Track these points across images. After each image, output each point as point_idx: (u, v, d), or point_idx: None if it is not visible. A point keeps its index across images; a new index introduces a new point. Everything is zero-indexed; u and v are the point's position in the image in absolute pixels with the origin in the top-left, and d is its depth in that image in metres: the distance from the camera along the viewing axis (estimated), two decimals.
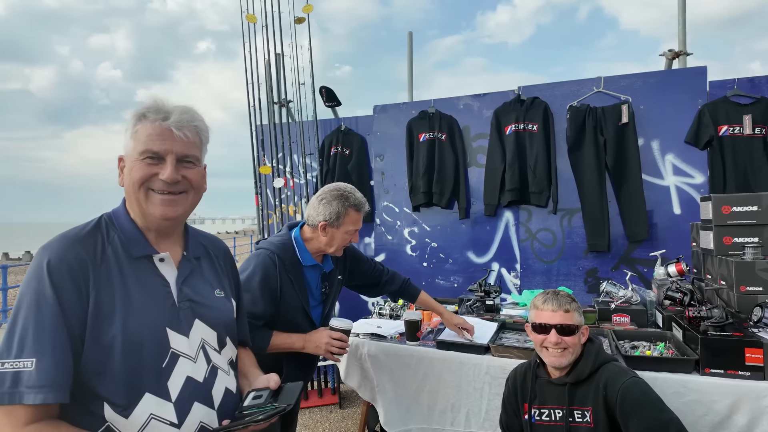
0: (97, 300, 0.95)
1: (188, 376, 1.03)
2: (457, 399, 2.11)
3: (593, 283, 3.27)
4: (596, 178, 3.17)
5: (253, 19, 3.78)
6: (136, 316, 0.98)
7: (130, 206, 1.07)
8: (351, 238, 1.86)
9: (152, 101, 1.05)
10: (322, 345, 1.80)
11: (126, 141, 1.04)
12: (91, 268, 0.96)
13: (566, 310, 1.61)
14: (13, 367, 0.87)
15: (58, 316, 0.90)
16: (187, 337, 1.05)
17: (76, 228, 1.03)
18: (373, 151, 3.99)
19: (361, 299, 4.07)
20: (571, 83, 3.33)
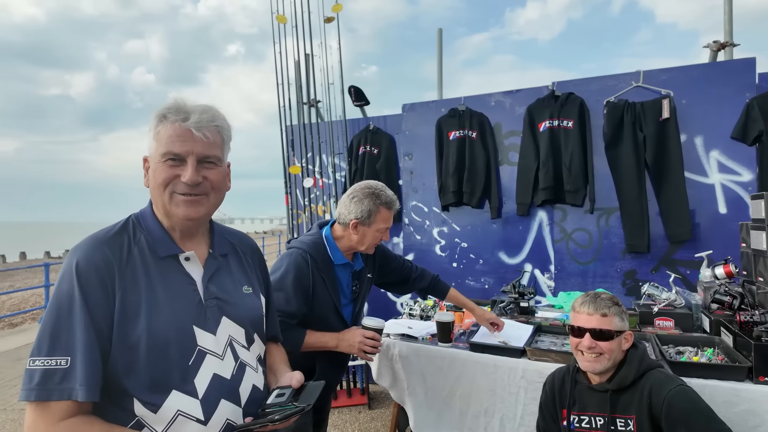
0: (123, 300, 0.96)
1: (215, 373, 1.03)
2: (491, 403, 2.05)
3: (632, 285, 3.14)
4: (635, 176, 3.04)
5: (283, 20, 3.81)
6: (162, 315, 0.99)
7: (156, 206, 1.08)
8: (382, 236, 1.85)
9: (173, 102, 1.05)
10: (355, 344, 1.79)
11: (149, 142, 1.05)
12: (118, 269, 0.98)
13: (603, 314, 1.53)
14: (44, 365, 0.89)
15: (87, 317, 0.92)
16: (215, 335, 1.05)
17: (105, 229, 1.05)
18: (402, 150, 3.96)
19: (390, 299, 4.04)
20: (608, 78, 3.21)
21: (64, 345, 0.91)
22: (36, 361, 0.90)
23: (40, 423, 0.89)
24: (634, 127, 3.07)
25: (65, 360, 0.90)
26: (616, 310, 1.54)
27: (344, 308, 1.89)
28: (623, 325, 1.54)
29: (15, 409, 4.02)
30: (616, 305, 1.56)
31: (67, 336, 0.91)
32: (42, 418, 0.89)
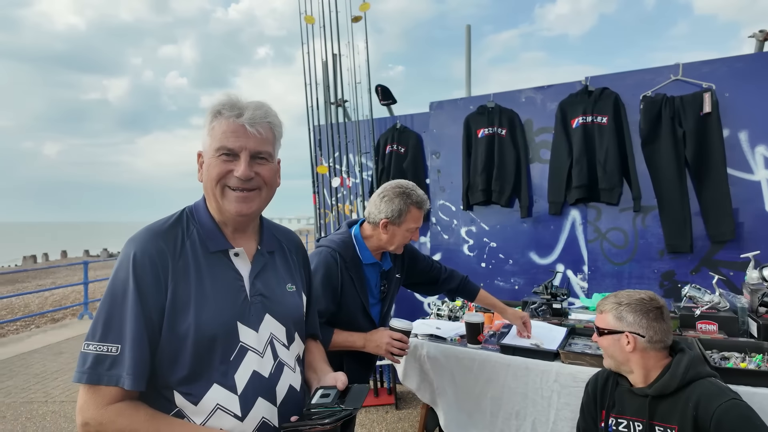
0: (175, 292, 0.99)
1: (254, 370, 1.04)
2: (523, 406, 2.00)
3: (670, 286, 3.01)
4: (675, 173, 2.91)
5: (311, 20, 3.83)
6: (209, 309, 1.01)
7: (209, 201, 1.10)
8: (412, 236, 1.83)
9: (227, 98, 1.06)
10: (382, 345, 1.78)
11: (203, 138, 1.08)
12: (171, 261, 1.00)
13: (600, 310, 1.56)
14: (97, 350, 0.93)
15: (139, 307, 0.95)
16: (257, 332, 1.06)
17: (160, 221, 1.07)
18: (429, 148, 3.91)
19: (417, 299, 4.01)
20: (644, 72, 3.09)
21: (116, 332, 0.94)
22: (90, 345, 0.94)
23: (91, 404, 0.93)
24: (672, 122, 2.94)
25: (116, 347, 0.93)
26: (612, 308, 1.52)
27: (372, 308, 1.88)
28: (618, 325, 1.49)
29: (57, 401, 4.19)
30: (617, 304, 1.51)
31: (119, 324, 0.94)
32: (92, 400, 0.93)
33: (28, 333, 7.07)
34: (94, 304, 9.51)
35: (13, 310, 10.30)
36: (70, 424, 3.69)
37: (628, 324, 1.48)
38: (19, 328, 8.08)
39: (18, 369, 5.15)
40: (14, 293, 9.81)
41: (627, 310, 1.49)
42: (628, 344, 1.47)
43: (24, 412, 3.94)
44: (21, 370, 5.09)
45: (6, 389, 4.50)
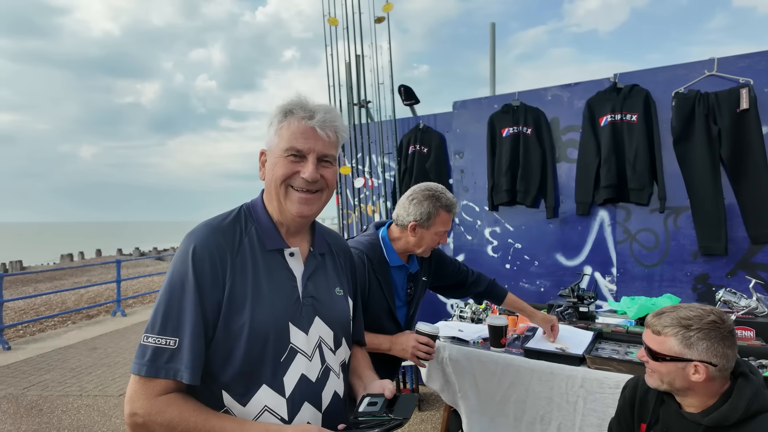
0: (232, 288, 0.99)
1: (303, 373, 1.04)
2: (548, 411, 1.96)
3: (704, 290, 2.90)
4: (709, 172, 2.80)
5: (334, 22, 3.85)
6: (264, 308, 1.01)
7: (269, 200, 1.10)
8: (440, 239, 1.81)
9: (297, 99, 1.07)
10: (409, 348, 1.76)
11: (270, 136, 1.07)
12: (229, 257, 1.00)
13: (656, 331, 1.31)
14: (156, 343, 0.94)
15: (197, 301, 0.95)
16: (306, 334, 1.06)
17: (219, 217, 1.08)
18: (452, 148, 3.88)
19: (440, 301, 3.98)
20: (676, 67, 2.98)
21: (174, 325, 0.94)
22: (149, 338, 0.94)
23: (141, 395, 0.93)
24: (707, 119, 2.83)
25: (174, 340, 0.94)
26: (675, 332, 1.26)
27: (398, 310, 1.87)
28: (686, 353, 1.25)
29: (91, 395, 4.34)
30: (682, 328, 1.26)
31: (178, 317, 0.95)
32: (143, 391, 0.93)
33: (64, 329, 7.35)
34: (126, 301, 9.83)
35: (51, 307, 10.74)
36: (102, 417, 3.82)
37: (699, 352, 1.24)
38: (56, 324, 8.42)
39: (55, 363, 5.36)
40: (52, 290, 10.22)
41: (699, 336, 1.25)
42: (695, 374, 1.25)
43: (60, 405, 4.10)
44: (58, 365, 5.30)
45: (44, 383, 4.69)
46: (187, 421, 0.92)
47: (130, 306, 9.48)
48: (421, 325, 1.82)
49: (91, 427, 3.65)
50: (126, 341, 6.35)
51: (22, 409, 4.03)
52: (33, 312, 10.28)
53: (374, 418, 1.00)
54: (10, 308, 10.45)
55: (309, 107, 1.06)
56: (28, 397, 4.30)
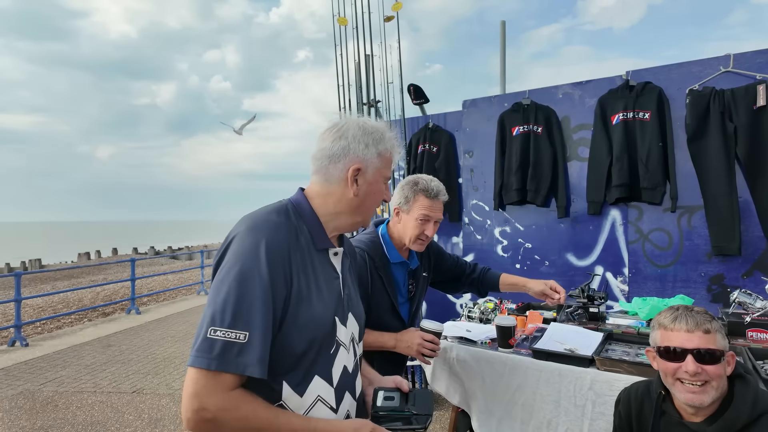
0: (298, 284, 1.02)
1: (344, 365, 1.10)
2: (555, 415, 1.93)
3: (718, 291, 2.84)
4: (724, 170, 2.74)
5: (344, 22, 3.86)
6: (322, 303, 1.05)
7: (324, 205, 1.14)
8: (424, 227, 1.79)
9: (394, 138, 1.21)
10: (413, 345, 1.77)
11: (370, 157, 1.13)
12: (293, 253, 1.03)
13: (706, 330, 1.22)
14: (225, 336, 0.92)
15: (270, 295, 0.96)
16: (346, 328, 1.12)
17: (270, 212, 1.08)
18: (462, 147, 3.86)
19: (449, 300, 3.96)
20: (690, 64, 2.93)
21: (245, 319, 0.94)
22: (217, 331, 0.92)
23: (212, 389, 0.91)
24: (722, 117, 2.77)
25: (244, 335, 0.93)
26: (716, 326, 1.25)
27: (401, 307, 1.88)
28: (725, 344, 1.24)
29: (105, 391, 4.41)
30: (714, 320, 1.27)
31: (248, 311, 0.94)
32: (213, 386, 0.91)
33: (81, 326, 7.49)
34: (140, 299, 9.97)
35: (69, 304, 10.94)
36: (115, 414, 3.88)
37: (726, 341, 1.26)
38: (73, 321, 8.57)
39: (71, 360, 5.46)
40: (69, 288, 10.40)
41: (720, 325, 1.26)
42: (729, 366, 1.24)
43: (74, 401, 4.17)
44: (73, 361, 5.40)
45: (59, 379, 4.78)
46: (260, 417, 0.94)
47: (145, 304, 9.62)
48: (426, 322, 1.82)
49: (104, 423, 3.71)
50: (140, 339, 6.45)
51: (38, 404, 4.11)
52: (51, 309, 10.48)
53: (395, 413, 1.03)
54: (29, 305, 10.67)
55: (397, 144, 1.21)
56: (44, 393, 4.39)
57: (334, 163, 1.12)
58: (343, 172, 1.12)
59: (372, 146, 1.13)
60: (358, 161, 1.12)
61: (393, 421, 1.01)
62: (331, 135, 1.13)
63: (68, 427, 3.65)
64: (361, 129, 1.13)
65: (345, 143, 1.11)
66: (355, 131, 1.12)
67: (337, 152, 1.11)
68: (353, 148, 1.11)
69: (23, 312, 7.66)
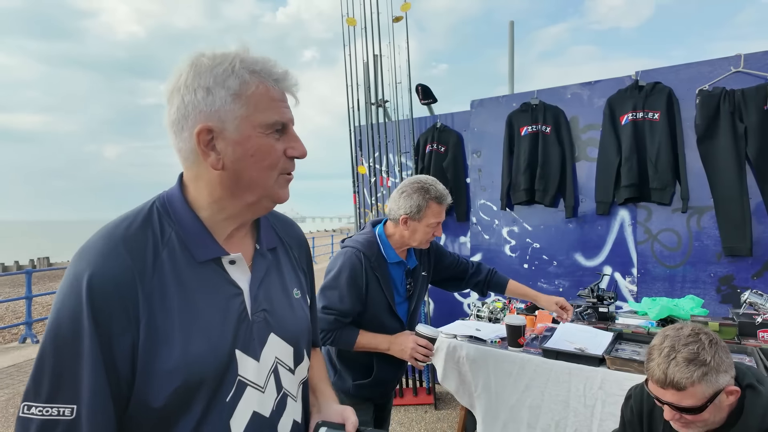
0: (150, 322, 0.72)
1: (254, 411, 0.81)
2: (563, 416, 1.93)
3: (728, 292, 2.83)
4: (734, 171, 2.73)
5: (353, 23, 3.87)
6: (200, 339, 0.75)
7: (212, 194, 0.80)
8: (434, 231, 1.81)
9: (258, 56, 0.80)
10: (407, 350, 1.77)
11: (219, 103, 0.76)
12: (140, 281, 0.73)
13: (680, 387, 1.13)
14: (43, 414, 0.67)
15: (99, 351, 0.69)
16: (258, 361, 0.82)
17: (122, 222, 0.77)
18: (470, 147, 3.87)
19: (457, 300, 3.98)
20: (700, 64, 2.92)
21: (69, 388, 0.68)
22: (32, 407, 0.68)
23: None
24: (732, 117, 2.76)
25: (70, 409, 0.68)
26: (699, 376, 1.12)
27: (399, 306, 1.89)
28: (717, 386, 1.14)
29: None
30: (701, 366, 1.12)
31: (72, 377, 0.68)
32: None
33: None
34: None
35: None
36: None
37: (725, 375, 1.16)
38: None
39: None
40: None
41: (716, 361, 1.14)
42: (730, 396, 1.16)
43: None
44: None
45: None
46: None
47: None
48: (421, 327, 1.81)
49: None
50: None
51: None
52: None
53: None
54: (38, 303, 10.78)
55: (275, 66, 0.80)
56: None
57: (179, 134, 0.78)
58: (191, 141, 0.77)
59: (217, 87, 0.75)
60: (204, 118, 0.76)
61: None
62: (168, 95, 0.79)
63: None
64: (194, 69, 0.76)
65: (179, 99, 0.76)
66: (186, 76, 0.76)
67: (176, 117, 0.77)
68: (190, 101, 0.75)
69: (33, 309, 7.74)
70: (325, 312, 1.73)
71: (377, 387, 1.87)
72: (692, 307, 2.31)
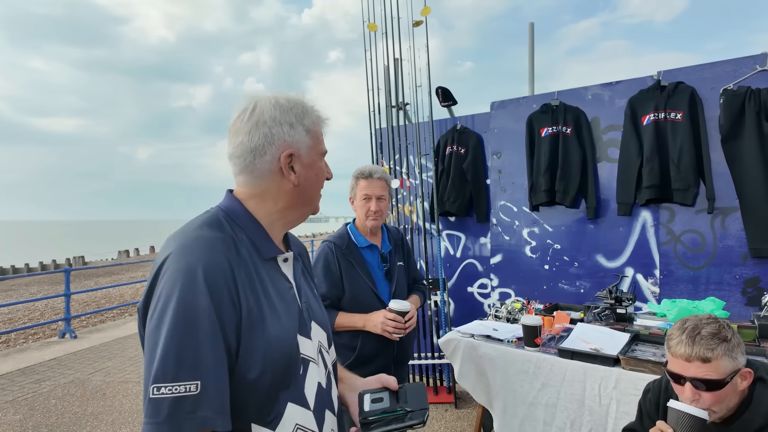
0: (247, 307, 0.86)
1: (318, 382, 0.97)
2: (579, 415, 1.96)
3: (754, 294, 2.79)
4: (761, 171, 2.69)
5: (374, 28, 3.95)
6: (279, 322, 0.90)
7: (277, 204, 0.98)
8: (369, 205, 2.05)
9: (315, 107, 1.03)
10: (378, 324, 1.93)
11: (298, 136, 0.97)
12: (236, 272, 0.87)
13: (705, 358, 1.20)
14: (171, 393, 0.75)
15: (218, 331, 0.80)
16: (311, 341, 0.99)
17: (203, 225, 0.91)
18: (490, 148, 3.89)
19: (477, 300, 4.01)
20: (725, 63, 2.88)
21: (191, 366, 0.77)
22: (161, 388, 0.75)
23: None
24: (758, 117, 2.72)
25: (195, 384, 0.76)
26: (723, 349, 1.20)
27: (379, 285, 2.07)
28: (736, 364, 1.22)
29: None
30: (723, 342, 1.21)
31: (195, 355, 0.78)
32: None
33: (123, 320, 7.87)
34: None
35: (111, 300, 11.50)
36: None
37: (741, 358, 1.23)
38: (115, 316, 9.02)
39: (115, 352, 5.78)
40: (112, 284, 10.92)
41: (735, 342, 1.22)
42: (744, 381, 1.22)
43: (120, 390, 4.43)
44: (118, 353, 5.71)
45: (106, 369, 5.07)
46: None
47: None
48: (393, 302, 1.95)
49: None
50: None
51: (88, 392, 4.39)
52: (95, 304, 11.04)
53: (387, 415, 0.92)
54: (74, 300, 11.27)
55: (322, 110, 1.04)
56: (93, 381, 4.68)
57: (260, 157, 0.94)
58: (273, 163, 0.94)
59: (297, 124, 0.96)
60: (287, 146, 0.95)
61: (387, 424, 0.90)
62: (244, 125, 0.94)
63: (116, 414, 3.89)
64: (278, 108, 0.95)
65: (265, 130, 0.94)
66: (272, 112, 0.94)
67: (260, 143, 0.93)
68: (276, 132, 0.94)
69: (71, 306, 8.12)
70: None
71: (368, 365, 1.94)
72: (712, 309, 2.29)
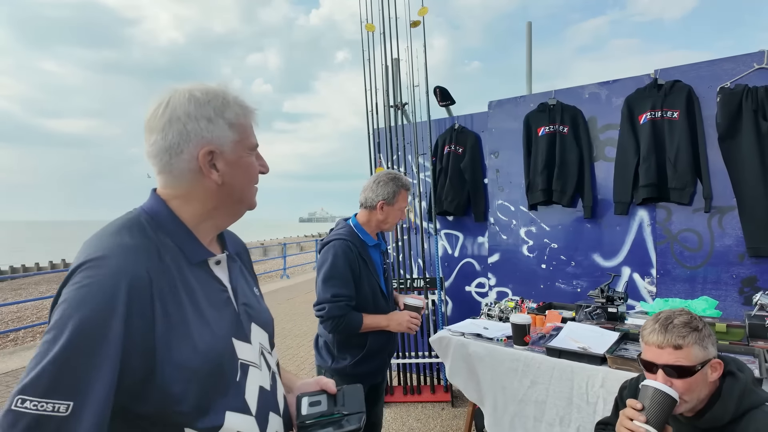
0: (167, 318, 0.80)
1: (260, 385, 0.94)
2: (567, 412, 1.97)
3: (751, 293, 2.75)
4: (758, 170, 2.66)
5: (372, 28, 3.97)
6: (209, 330, 0.86)
7: (205, 205, 0.92)
8: (401, 215, 2.12)
9: (234, 92, 0.94)
10: (404, 323, 2.04)
11: (221, 131, 0.90)
12: (155, 282, 0.80)
13: (677, 345, 1.24)
14: (35, 409, 0.67)
15: (117, 354, 0.73)
16: (250, 344, 0.95)
17: (122, 230, 0.84)
18: (488, 148, 3.89)
19: (475, 299, 4.01)
20: (722, 61, 2.86)
21: (72, 383, 0.69)
22: (26, 402, 0.67)
23: None
24: (755, 115, 2.69)
25: (65, 405, 0.68)
26: (694, 338, 1.24)
27: (383, 285, 2.12)
28: (707, 354, 1.25)
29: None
30: (694, 331, 1.25)
31: (78, 375, 0.70)
32: None
33: None
34: None
35: None
36: None
37: (712, 349, 1.27)
38: None
39: None
40: None
41: (706, 332, 1.26)
42: (714, 372, 1.26)
43: None
44: None
45: None
46: None
47: None
48: (408, 299, 2.09)
49: None
50: None
51: None
52: None
53: (324, 419, 0.93)
54: None
55: (249, 102, 0.96)
56: None
57: (177, 156, 0.87)
58: (191, 162, 0.87)
59: (217, 118, 0.89)
60: (206, 143, 0.88)
61: (323, 427, 0.91)
62: (158, 121, 0.87)
63: None
64: (192, 102, 0.87)
65: (180, 126, 0.86)
66: (187, 107, 0.87)
67: (174, 141, 0.86)
68: (192, 129, 0.87)
69: None
70: (336, 300, 1.92)
71: (373, 360, 2.05)
72: (705, 308, 2.28)
